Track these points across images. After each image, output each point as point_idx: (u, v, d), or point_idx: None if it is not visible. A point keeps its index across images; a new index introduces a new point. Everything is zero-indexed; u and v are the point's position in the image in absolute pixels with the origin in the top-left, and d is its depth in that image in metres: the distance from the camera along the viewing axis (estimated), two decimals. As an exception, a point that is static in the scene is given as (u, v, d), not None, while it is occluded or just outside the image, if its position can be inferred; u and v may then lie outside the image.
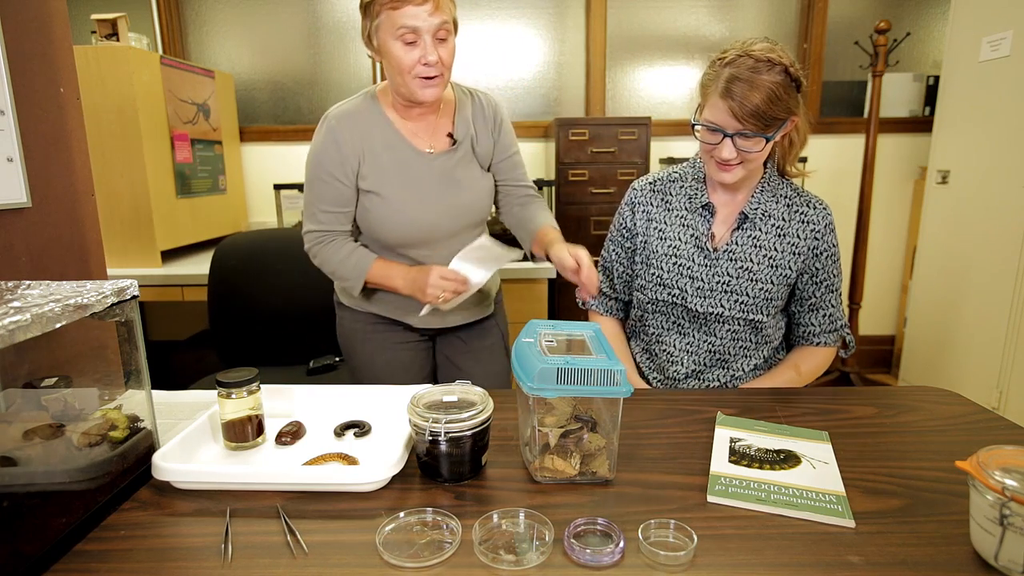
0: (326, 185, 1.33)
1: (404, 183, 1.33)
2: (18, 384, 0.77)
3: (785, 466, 0.89)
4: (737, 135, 1.13)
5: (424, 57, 1.19)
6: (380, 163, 1.33)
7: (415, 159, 1.34)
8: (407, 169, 1.34)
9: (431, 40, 1.19)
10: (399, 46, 1.19)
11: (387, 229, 1.35)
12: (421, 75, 1.21)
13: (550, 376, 0.81)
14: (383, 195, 1.33)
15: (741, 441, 0.97)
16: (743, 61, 1.11)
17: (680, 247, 1.29)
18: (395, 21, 1.17)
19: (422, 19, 1.16)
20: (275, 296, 1.95)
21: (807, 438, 0.98)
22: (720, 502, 0.80)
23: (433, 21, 1.17)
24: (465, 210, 1.40)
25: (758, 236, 1.25)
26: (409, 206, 1.34)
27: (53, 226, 1.21)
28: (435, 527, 0.74)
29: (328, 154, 1.32)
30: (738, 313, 1.25)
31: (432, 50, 1.19)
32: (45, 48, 1.19)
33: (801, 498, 0.81)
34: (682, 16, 3.13)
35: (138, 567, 0.69)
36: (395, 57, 1.20)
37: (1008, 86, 2.32)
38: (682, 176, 1.33)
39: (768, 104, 1.09)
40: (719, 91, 1.11)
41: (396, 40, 1.19)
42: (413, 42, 1.18)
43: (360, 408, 1.06)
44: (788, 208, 1.27)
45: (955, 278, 2.59)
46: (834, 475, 0.87)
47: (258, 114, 3.26)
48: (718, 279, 1.26)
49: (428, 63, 1.19)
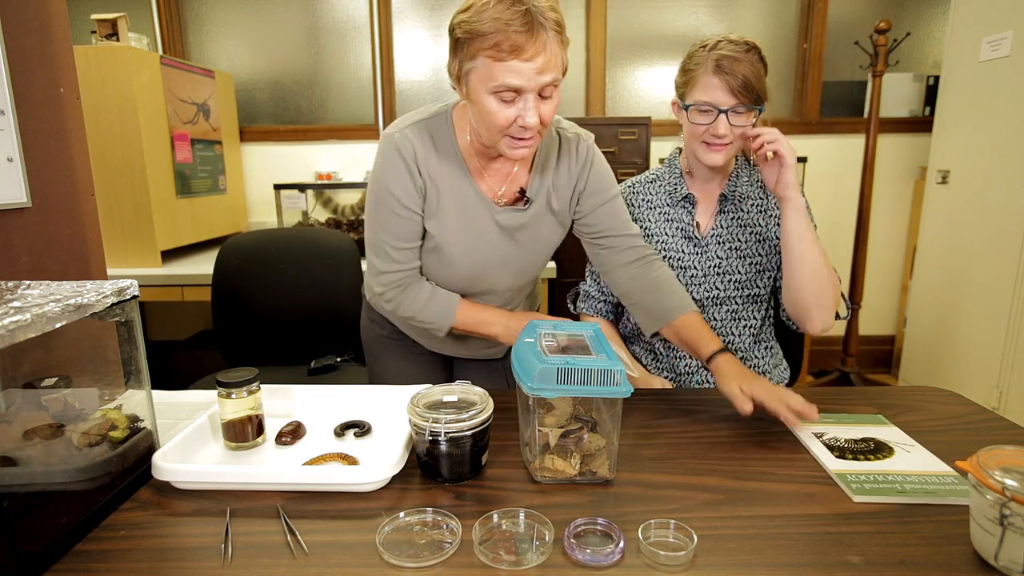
0: (399, 219, 1.13)
1: (461, 230, 1.16)
2: (18, 384, 0.77)
3: (885, 454, 0.91)
4: (730, 111, 1.18)
5: (522, 118, 0.98)
6: (441, 202, 1.14)
7: (479, 206, 1.16)
8: (468, 215, 1.16)
9: (534, 100, 0.98)
10: (494, 101, 0.98)
11: (433, 275, 1.22)
12: (514, 135, 1.02)
13: (550, 376, 0.81)
14: (438, 238, 1.16)
15: (826, 435, 0.98)
16: (726, 44, 1.19)
17: (668, 240, 1.34)
18: (494, 74, 0.95)
19: (527, 77, 0.94)
20: (278, 296, 1.95)
21: (873, 423, 1.02)
22: (870, 500, 0.80)
23: (541, 80, 0.96)
24: (522, 269, 1.24)
25: (741, 216, 1.33)
26: (460, 257, 1.17)
27: (53, 226, 1.21)
28: (435, 527, 0.74)
29: (399, 180, 1.10)
30: (734, 292, 1.31)
31: (533, 113, 0.98)
32: (45, 48, 1.19)
33: (929, 484, 0.83)
34: (682, 16, 3.13)
35: (138, 567, 0.69)
36: (487, 112, 0.99)
37: (1008, 86, 2.32)
38: (659, 176, 1.39)
39: (756, 78, 1.17)
40: (711, 69, 1.18)
41: (491, 95, 0.98)
42: (512, 100, 0.98)
43: (360, 408, 1.06)
44: (763, 187, 1.34)
45: (955, 278, 2.59)
46: (929, 456, 0.91)
47: (258, 114, 3.26)
48: (709, 263, 1.32)
49: (526, 125, 0.99)
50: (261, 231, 2.08)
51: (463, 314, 1.19)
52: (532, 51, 0.93)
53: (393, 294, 1.18)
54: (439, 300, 1.18)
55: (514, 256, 1.21)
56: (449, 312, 1.18)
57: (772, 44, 3.18)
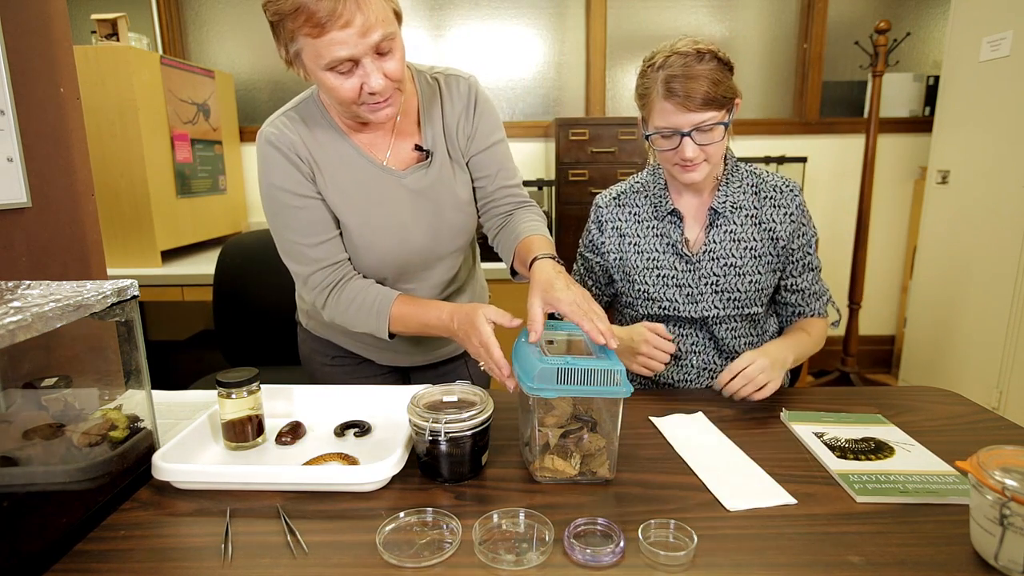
0: (298, 212, 1.05)
1: (370, 206, 1.08)
2: (18, 384, 0.77)
3: (886, 454, 0.92)
4: (694, 131, 1.11)
5: (367, 85, 0.92)
6: (337, 181, 1.06)
7: (383, 179, 1.08)
8: (372, 189, 1.08)
9: (371, 62, 0.91)
10: (332, 76, 0.92)
11: (360, 263, 1.11)
12: (368, 102, 0.95)
13: (550, 376, 0.81)
14: (350, 227, 1.08)
15: (826, 434, 0.98)
16: (674, 59, 1.10)
17: (659, 257, 1.27)
18: (319, 51, 0.88)
19: (353, 44, 0.87)
20: (279, 296, 1.95)
21: (873, 423, 1.02)
22: (873, 501, 0.80)
23: (368, 42, 0.88)
24: (452, 232, 1.15)
25: (733, 229, 1.24)
26: (380, 235, 1.09)
27: (53, 226, 1.21)
28: (435, 527, 0.74)
29: (283, 171, 1.03)
30: (733, 311, 1.25)
31: (377, 75, 0.91)
32: (45, 48, 1.19)
33: (931, 483, 0.83)
34: (682, 16, 3.13)
35: (138, 567, 0.69)
36: (330, 88, 0.93)
37: (1008, 86, 2.32)
38: (644, 186, 1.31)
39: (714, 87, 1.08)
40: (661, 94, 1.10)
41: (327, 71, 0.91)
42: (349, 71, 0.92)
43: (360, 408, 1.06)
44: (756, 195, 1.25)
45: (955, 278, 2.59)
46: (930, 455, 0.91)
47: (258, 114, 3.25)
48: (705, 281, 1.25)
49: (373, 91, 0.93)
50: (264, 230, 2.07)
51: (403, 314, 1.07)
52: (347, 15, 0.85)
53: (328, 300, 1.09)
54: (372, 297, 1.08)
55: (435, 220, 1.12)
56: (383, 311, 1.07)
57: (772, 44, 3.18)
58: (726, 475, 0.86)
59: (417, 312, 1.06)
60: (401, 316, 1.07)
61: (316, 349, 1.30)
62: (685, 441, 0.97)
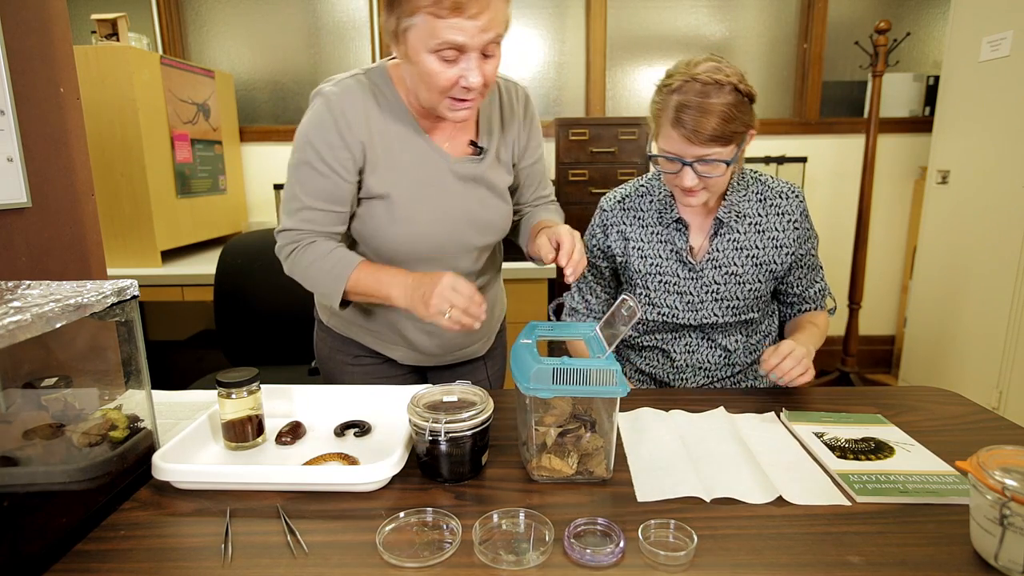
0: (319, 176, 1.05)
1: (422, 186, 1.10)
2: (18, 384, 0.77)
3: (886, 454, 0.92)
4: (697, 162, 1.09)
5: (465, 79, 0.95)
6: (394, 160, 1.08)
7: (437, 159, 1.11)
8: (427, 170, 1.10)
9: (476, 58, 0.95)
10: (435, 61, 0.94)
11: (392, 238, 1.11)
12: (456, 96, 0.98)
13: (546, 376, 0.81)
14: (394, 198, 1.08)
15: (826, 434, 0.98)
16: (690, 87, 1.06)
17: (662, 264, 1.26)
18: (436, 32, 0.91)
19: (471, 34, 0.91)
20: (280, 296, 1.95)
21: (873, 423, 1.02)
22: (873, 501, 0.80)
23: (485, 37, 0.92)
24: (488, 227, 1.18)
25: (737, 238, 1.24)
26: (424, 215, 1.10)
27: (53, 226, 1.21)
28: (435, 527, 0.74)
29: (327, 135, 1.04)
30: (731, 318, 1.26)
31: (476, 72, 0.95)
32: (45, 48, 1.19)
33: (931, 483, 0.83)
34: (682, 16, 3.13)
35: (138, 567, 0.69)
36: (428, 73, 0.95)
37: (1008, 86, 2.32)
38: (650, 190, 1.30)
39: (723, 125, 1.05)
40: (670, 120, 1.08)
41: (432, 54, 0.94)
42: (454, 60, 0.94)
43: (360, 408, 1.06)
44: (761, 203, 1.24)
45: (955, 278, 2.59)
46: (930, 455, 0.91)
47: (258, 114, 3.26)
48: (706, 289, 1.25)
49: (469, 86, 0.96)
50: (265, 230, 2.08)
51: (360, 278, 1.07)
52: (476, 8, 0.89)
53: (289, 253, 1.10)
54: (335, 259, 1.08)
55: (477, 208, 1.15)
56: (342, 273, 1.07)
57: (772, 44, 3.18)
58: (719, 472, 0.86)
59: (376, 270, 1.08)
60: (358, 278, 1.07)
61: (338, 348, 1.29)
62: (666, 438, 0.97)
